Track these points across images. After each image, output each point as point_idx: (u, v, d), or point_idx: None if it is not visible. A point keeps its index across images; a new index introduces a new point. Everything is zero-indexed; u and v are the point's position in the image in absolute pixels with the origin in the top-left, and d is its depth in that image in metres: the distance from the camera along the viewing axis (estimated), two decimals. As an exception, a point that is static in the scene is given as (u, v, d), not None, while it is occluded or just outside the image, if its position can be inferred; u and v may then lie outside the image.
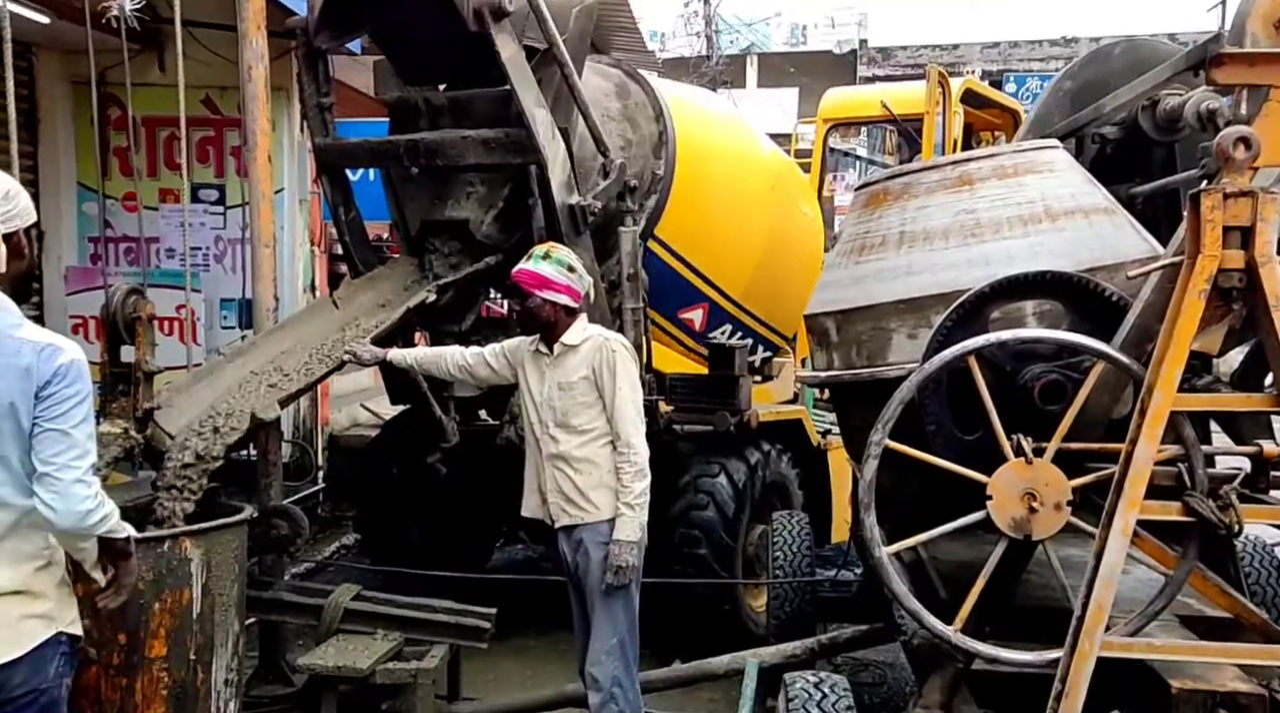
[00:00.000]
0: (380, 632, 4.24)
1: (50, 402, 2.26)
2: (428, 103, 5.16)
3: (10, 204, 2.33)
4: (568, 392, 3.69)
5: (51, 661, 2.32)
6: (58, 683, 2.35)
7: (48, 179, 7.91)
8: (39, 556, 2.32)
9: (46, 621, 2.32)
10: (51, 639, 2.33)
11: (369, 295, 4.88)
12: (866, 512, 2.74)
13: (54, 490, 2.25)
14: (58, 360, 2.28)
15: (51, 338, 2.33)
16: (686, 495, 5.37)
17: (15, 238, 2.34)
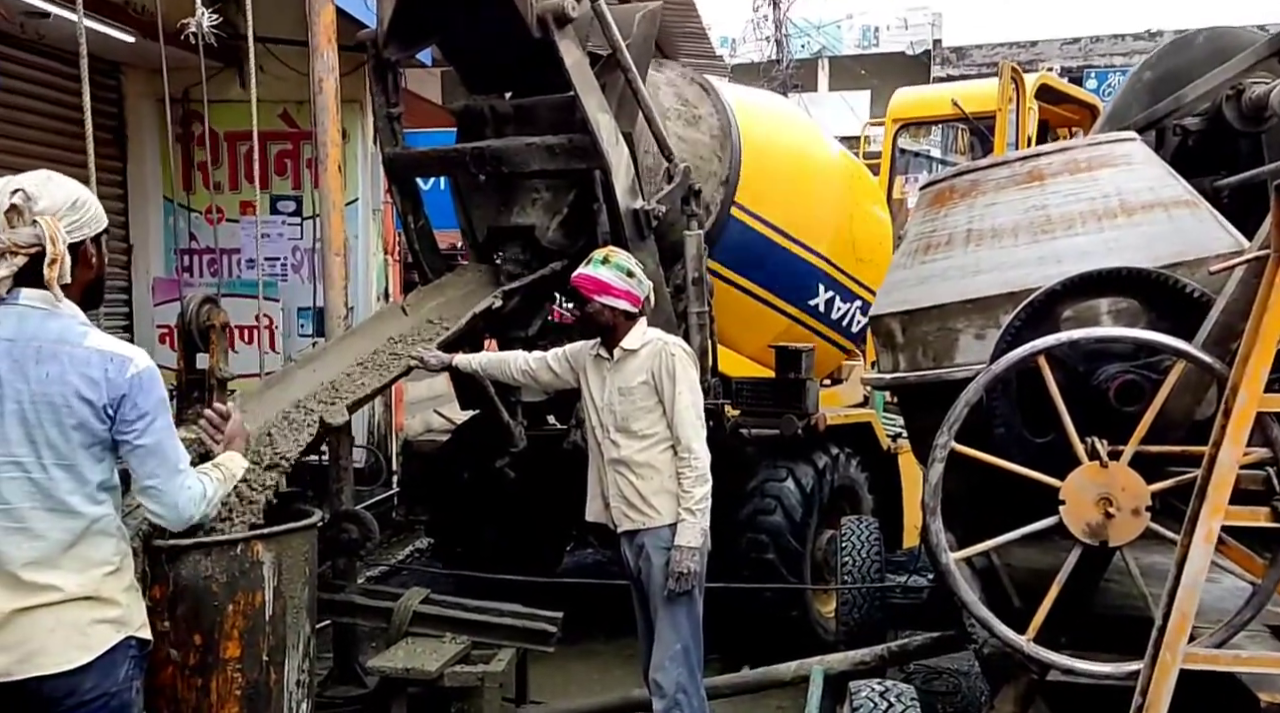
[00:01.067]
0: (448, 635, 4.27)
1: (132, 417, 2.29)
2: (493, 110, 5.20)
3: (78, 213, 2.34)
4: (628, 397, 3.69)
5: (121, 664, 2.36)
6: (128, 686, 2.39)
7: (136, 194, 8.18)
8: (108, 562, 2.36)
9: (116, 625, 2.36)
10: (121, 643, 2.37)
11: (437, 302, 4.93)
12: (932, 517, 2.67)
13: (161, 504, 2.36)
14: (129, 371, 2.31)
15: (118, 347, 2.35)
16: (753, 500, 5.32)
17: (84, 247, 2.37)
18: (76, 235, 2.34)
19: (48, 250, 2.25)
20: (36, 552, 2.27)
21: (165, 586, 3.30)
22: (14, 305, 2.30)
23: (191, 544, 3.35)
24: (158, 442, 2.32)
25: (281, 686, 3.55)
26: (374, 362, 4.32)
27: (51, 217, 2.28)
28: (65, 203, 2.32)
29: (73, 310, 2.36)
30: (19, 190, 2.28)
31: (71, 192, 2.37)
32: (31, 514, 2.27)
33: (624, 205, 4.77)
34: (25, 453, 2.26)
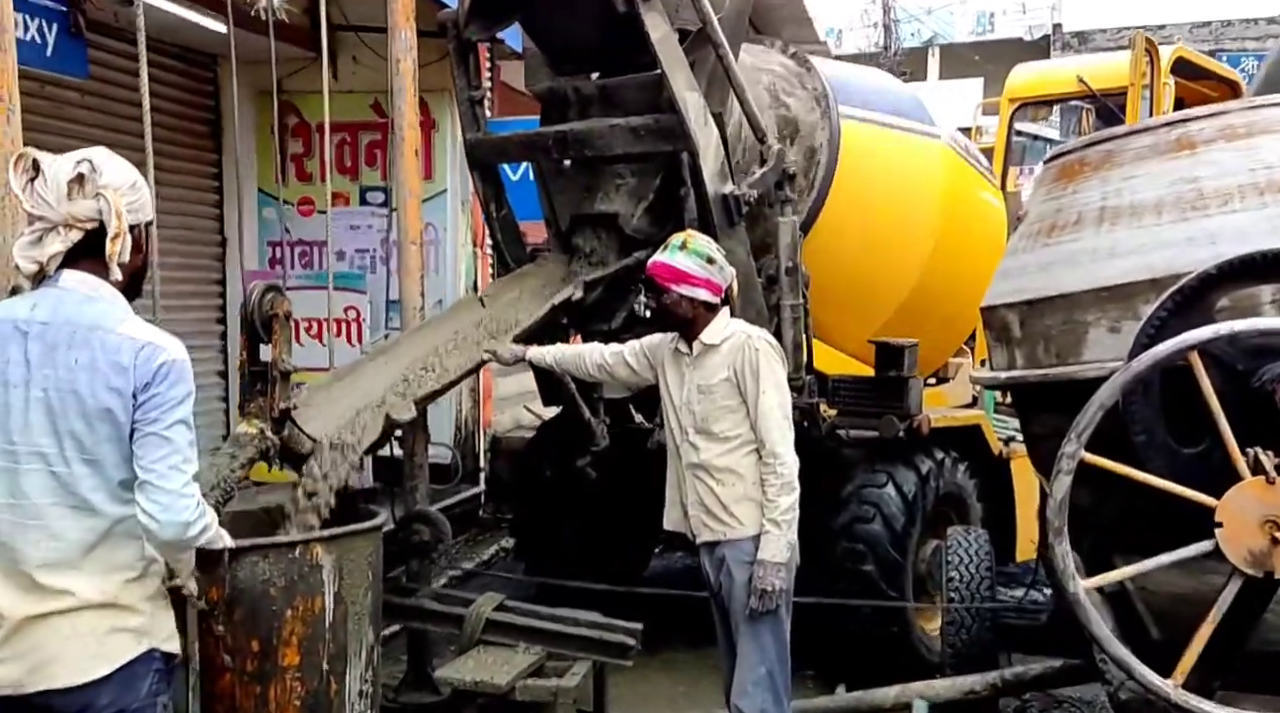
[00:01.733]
0: (522, 645, 4.03)
1: (150, 404, 2.11)
2: (577, 92, 4.94)
3: (137, 195, 2.22)
4: (708, 395, 3.38)
5: (143, 678, 2.18)
6: (150, 703, 2.20)
7: (231, 186, 8.17)
8: (132, 566, 2.18)
9: (137, 635, 2.17)
10: (143, 656, 2.18)
11: (516, 293, 4.70)
12: (1058, 538, 2.30)
13: (156, 501, 2.10)
14: (158, 359, 2.13)
15: (154, 335, 2.18)
16: (850, 507, 4.96)
17: (137, 231, 2.24)
18: (133, 218, 2.21)
19: (111, 225, 2.13)
20: (55, 552, 2.11)
21: (222, 588, 3.13)
22: (53, 287, 2.17)
23: (249, 545, 3.19)
24: (171, 433, 2.12)
25: (343, 696, 3.37)
26: (447, 355, 4.10)
27: (115, 191, 2.14)
28: (127, 182, 2.21)
29: (114, 296, 2.21)
30: (86, 160, 2.15)
31: (132, 173, 2.25)
32: (51, 511, 2.11)
33: (712, 190, 4.46)
34: (49, 444, 2.11)
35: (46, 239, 2.11)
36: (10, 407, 2.09)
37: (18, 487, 2.09)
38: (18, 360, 2.09)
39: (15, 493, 2.09)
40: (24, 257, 2.12)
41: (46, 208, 2.09)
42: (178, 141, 7.43)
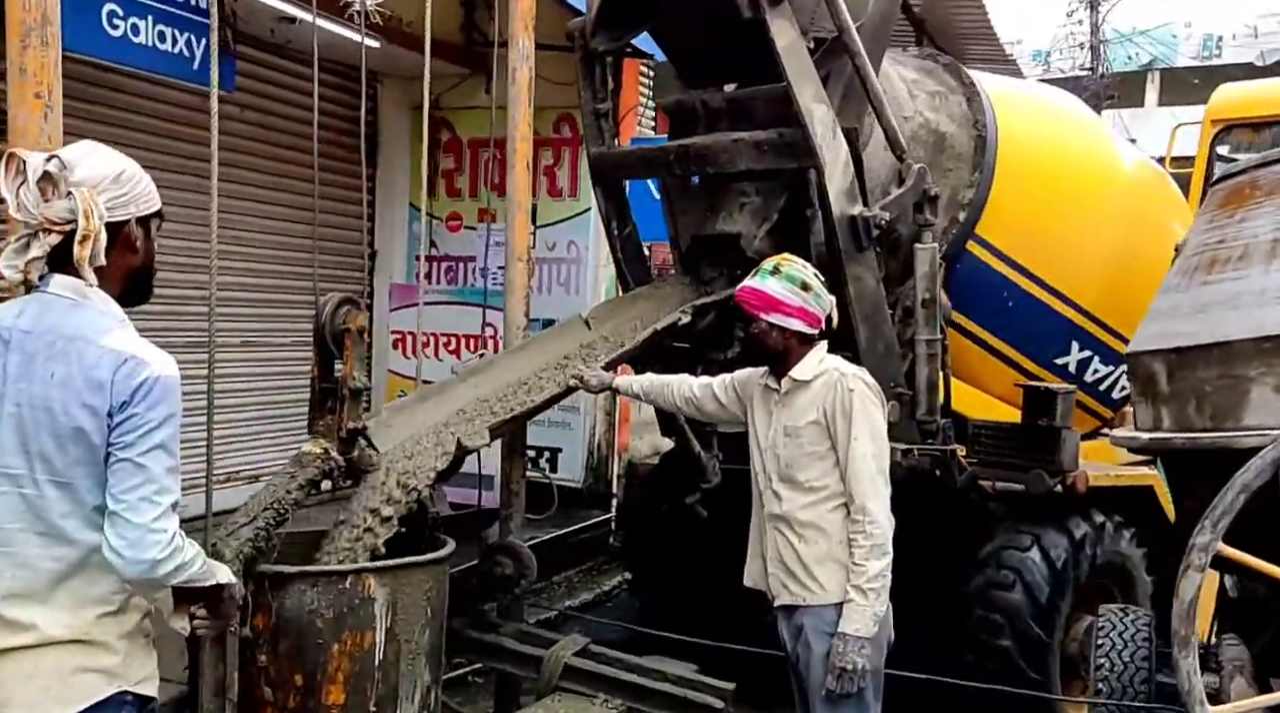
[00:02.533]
0: (601, 696, 3.73)
1: (126, 425, 1.93)
2: (705, 105, 4.65)
3: (122, 188, 2.04)
4: (794, 438, 3.00)
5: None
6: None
7: (384, 200, 8.32)
8: (107, 600, 2.00)
9: (107, 677, 1.99)
10: (113, 699, 1.99)
11: (626, 315, 4.42)
12: (1182, 651, 1.82)
13: (123, 535, 1.91)
14: (139, 376, 1.95)
15: (138, 349, 2.00)
16: (987, 570, 4.42)
17: (127, 228, 2.06)
18: (120, 213, 2.04)
19: (80, 225, 1.96)
20: (20, 582, 1.94)
21: (268, 616, 2.98)
22: (42, 292, 2.02)
23: (295, 572, 3.03)
24: (147, 460, 1.93)
25: (390, 741, 3.14)
26: (539, 378, 3.86)
27: (90, 188, 1.98)
28: (107, 175, 2.03)
29: (104, 302, 2.05)
30: (55, 157, 2.00)
31: (117, 165, 2.07)
32: (19, 537, 1.95)
33: (838, 210, 4.06)
34: (18, 464, 1.96)
35: (31, 245, 1.98)
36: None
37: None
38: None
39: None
40: (8, 265, 1.98)
41: (27, 212, 1.96)
42: (332, 155, 7.56)
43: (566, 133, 8.03)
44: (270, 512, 3.04)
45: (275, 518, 3.05)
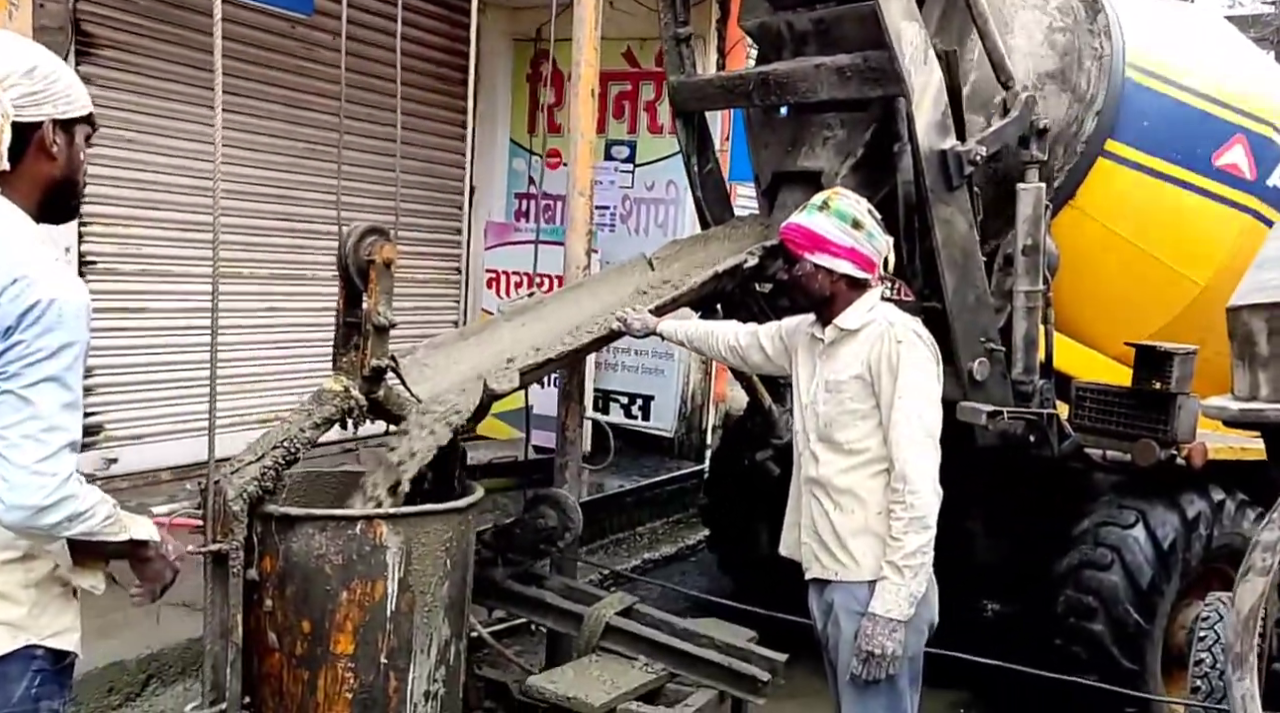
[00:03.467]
0: (643, 660, 3.51)
1: (11, 355, 1.69)
2: (790, 28, 4.25)
3: (36, 84, 1.80)
4: (834, 394, 2.66)
5: (18, 680, 1.82)
6: (30, 708, 1.83)
7: (484, 136, 8.14)
8: (10, 546, 1.81)
9: (10, 629, 1.81)
10: (18, 653, 1.82)
11: (695, 257, 4.13)
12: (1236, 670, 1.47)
13: (1, 475, 1.69)
14: (28, 299, 1.70)
15: (33, 269, 1.73)
16: (1083, 547, 3.98)
17: (42, 130, 1.81)
18: (31, 113, 1.79)
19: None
20: None
21: (275, 559, 2.86)
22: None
23: (302, 515, 2.89)
24: (33, 393, 1.70)
25: (403, 694, 3.00)
26: (588, 321, 3.61)
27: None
28: (19, 67, 1.79)
29: (10, 213, 1.80)
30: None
31: (32, 58, 1.82)
32: None
33: (926, 144, 3.65)
34: None
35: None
36: None
37: None
38: None
39: None
40: None
41: None
42: (430, 87, 7.42)
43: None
44: (280, 450, 2.88)
45: (285, 457, 2.89)
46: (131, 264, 5.62)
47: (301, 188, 6.55)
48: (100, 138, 5.37)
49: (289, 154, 6.37)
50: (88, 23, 5.35)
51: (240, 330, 6.18)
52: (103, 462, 5.51)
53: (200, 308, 5.87)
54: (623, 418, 7.64)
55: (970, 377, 3.86)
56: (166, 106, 5.63)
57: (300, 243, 6.56)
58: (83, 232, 5.37)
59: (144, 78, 5.61)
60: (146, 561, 1.98)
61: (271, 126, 6.33)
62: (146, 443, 5.65)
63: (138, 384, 5.63)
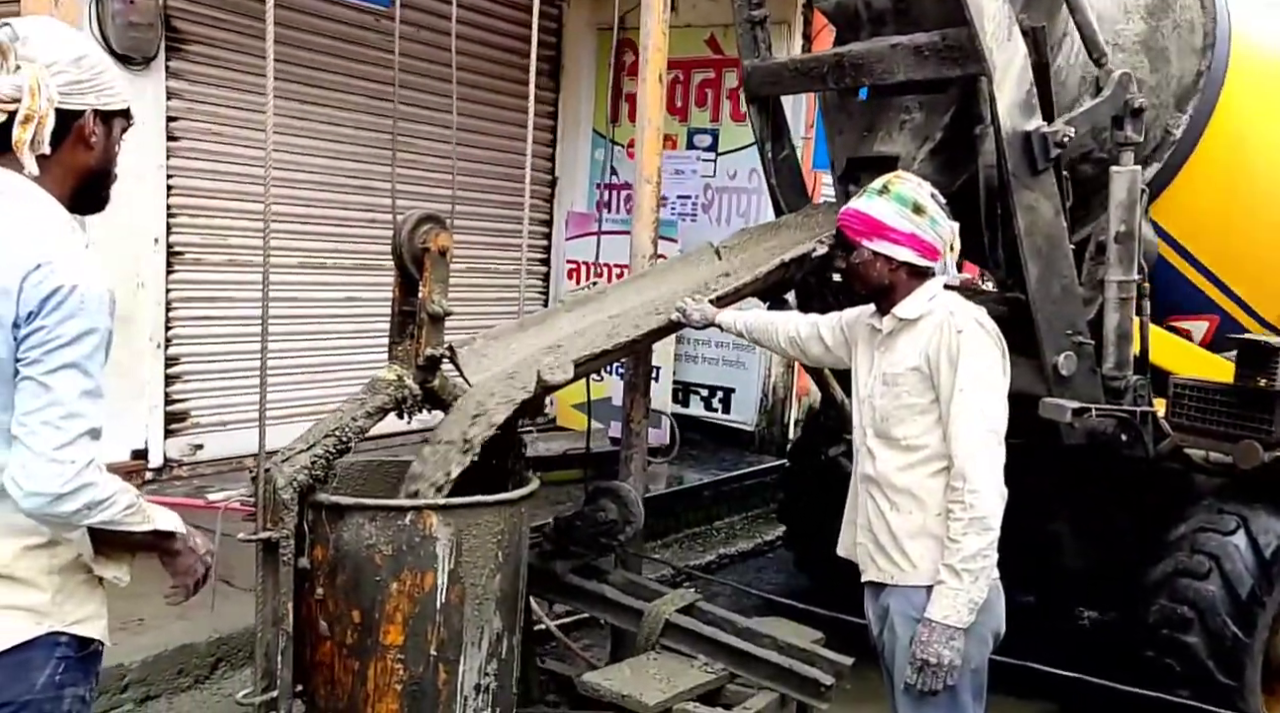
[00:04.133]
0: (702, 659, 3.43)
1: (32, 340, 1.69)
2: (868, 7, 4.08)
3: (83, 73, 1.81)
4: (892, 387, 2.52)
5: (41, 667, 1.80)
6: (54, 696, 1.82)
7: (567, 126, 8.13)
8: (34, 532, 1.79)
9: (33, 615, 1.80)
10: (42, 640, 1.81)
11: (765, 245, 4.01)
12: None
13: (20, 462, 1.68)
14: (50, 284, 1.69)
15: (58, 255, 1.73)
16: (1178, 554, 3.74)
17: (83, 120, 1.82)
18: (75, 101, 1.79)
19: (23, 103, 1.72)
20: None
21: (326, 548, 2.85)
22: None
23: (352, 504, 2.87)
24: (53, 380, 1.68)
25: (453, 687, 2.96)
26: (650, 310, 3.52)
27: (43, 66, 1.75)
28: (68, 56, 1.79)
29: (36, 198, 1.79)
30: (7, 25, 1.78)
31: (82, 47, 1.83)
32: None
33: (1009, 125, 3.46)
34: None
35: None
36: None
37: None
38: None
39: None
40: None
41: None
42: (512, 77, 7.41)
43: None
44: (331, 439, 2.87)
45: (336, 446, 2.88)
46: (217, 254, 5.74)
47: (384, 179, 6.60)
48: (189, 131, 5.59)
49: (372, 145, 6.43)
50: (178, 19, 5.48)
51: (321, 320, 6.28)
52: (189, 448, 5.65)
53: (284, 298, 5.99)
54: (702, 410, 7.54)
55: (1055, 371, 3.66)
56: (252, 100, 5.72)
57: (380, 233, 6.61)
58: (170, 223, 5.51)
59: (231, 72, 5.71)
60: (175, 554, 1.97)
61: (355, 118, 6.40)
62: (231, 430, 5.77)
63: (222, 372, 5.75)
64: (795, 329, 3.07)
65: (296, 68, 5.99)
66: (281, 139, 5.89)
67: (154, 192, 5.37)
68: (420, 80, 6.41)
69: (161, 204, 5.44)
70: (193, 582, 2.02)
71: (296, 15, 5.94)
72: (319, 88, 6.18)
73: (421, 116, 6.54)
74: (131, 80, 5.11)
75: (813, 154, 7.23)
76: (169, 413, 5.56)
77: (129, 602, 3.80)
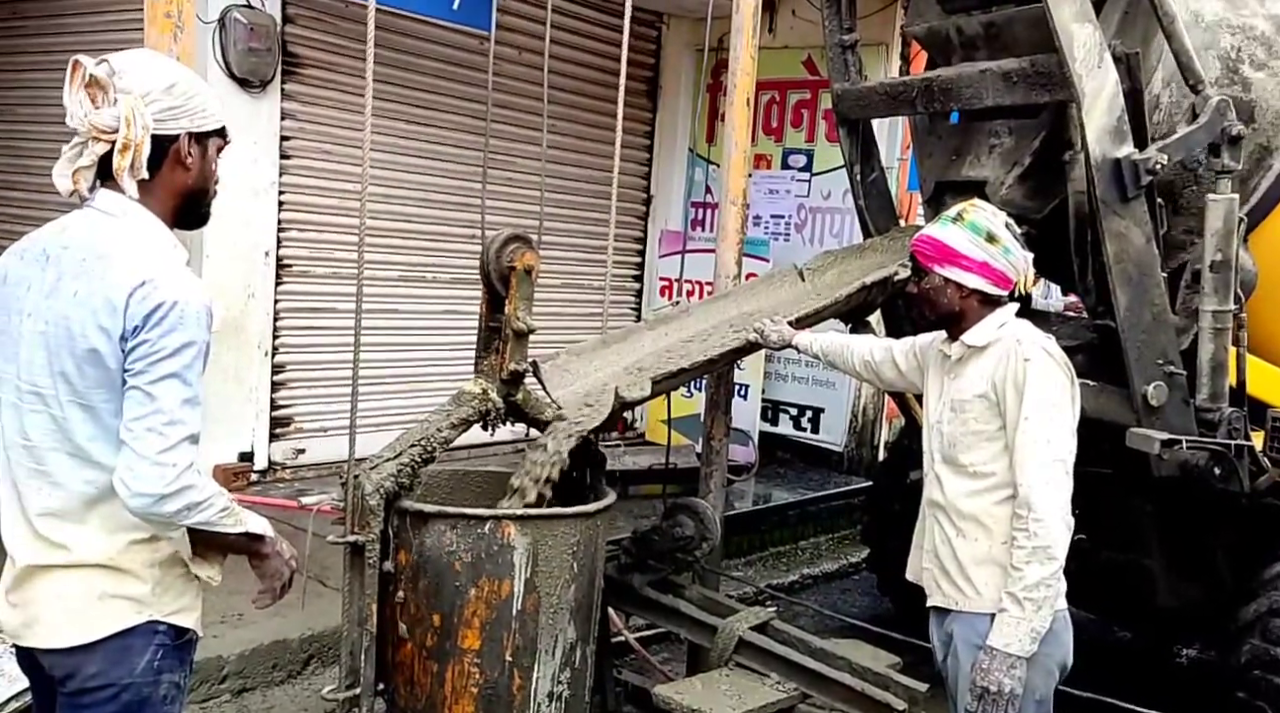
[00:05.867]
0: (775, 677, 3.45)
1: (138, 351, 1.82)
2: (960, 32, 4.09)
3: (175, 99, 1.92)
4: (959, 413, 2.53)
5: (141, 653, 1.94)
6: (151, 681, 1.96)
7: (663, 145, 8.23)
8: (139, 527, 1.93)
9: (135, 605, 1.94)
10: (142, 628, 1.93)
11: (849, 267, 4.04)
12: None
13: (127, 465, 1.81)
14: (154, 300, 1.82)
15: (160, 272, 1.85)
16: (1273, 594, 3.64)
17: (178, 143, 1.93)
18: (170, 126, 1.92)
19: (120, 133, 1.86)
20: (56, 501, 1.90)
21: (409, 553, 2.98)
22: (88, 207, 1.95)
23: (435, 512, 2.99)
24: (157, 389, 1.82)
25: (527, 693, 3.06)
26: (731, 332, 3.58)
27: (137, 96, 1.89)
28: (160, 85, 1.91)
29: (143, 219, 1.93)
30: (104, 62, 1.91)
31: (173, 75, 1.95)
32: (51, 456, 1.90)
33: (1098, 152, 3.42)
34: (46, 384, 1.89)
35: (83, 153, 1.90)
36: (21, 338, 1.92)
37: (24, 427, 1.92)
38: (37, 287, 1.90)
39: (23, 433, 1.92)
40: (59, 174, 1.92)
41: (78, 119, 1.89)
42: (613, 98, 7.53)
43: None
44: (417, 449, 3.00)
45: (422, 455, 3.01)
46: (323, 267, 6.00)
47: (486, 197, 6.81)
48: (301, 150, 5.86)
49: (473, 164, 6.62)
50: (294, 44, 5.76)
51: (420, 331, 6.50)
52: (292, 452, 5.90)
53: (384, 310, 6.22)
54: (792, 430, 7.54)
55: (1145, 401, 3.59)
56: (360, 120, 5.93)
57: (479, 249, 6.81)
58: (280, 237, 5.78)
59: (342, 93, 5.98)
60: (264, 558, 2.10)
61: (458, 138, 6.61)
62: (332, 435, 6.01)
63: (325, 380, 6.00)
64: (870, 352, 3.09)
65: (403, 89, 6.23)
66: (385, 157, 6.13)
67: (267, 207, 5.65)
68: (521, 101, 6.59)
69: (273, 219, 5.72)
70: (279, 585, 2.15)
71: (404, 39, 6.18)
72: (424, 108, 6.40)
73: (521, 136, 6.72)
74: (249, 102, 5.41)
75: (907, 176, 7.19)
76: (274, 418, 5.83)
77: (229, 598, 4.04)
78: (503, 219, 6.80)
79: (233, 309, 5.40)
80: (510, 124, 6.71)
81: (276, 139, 5.67)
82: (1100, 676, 3.55)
